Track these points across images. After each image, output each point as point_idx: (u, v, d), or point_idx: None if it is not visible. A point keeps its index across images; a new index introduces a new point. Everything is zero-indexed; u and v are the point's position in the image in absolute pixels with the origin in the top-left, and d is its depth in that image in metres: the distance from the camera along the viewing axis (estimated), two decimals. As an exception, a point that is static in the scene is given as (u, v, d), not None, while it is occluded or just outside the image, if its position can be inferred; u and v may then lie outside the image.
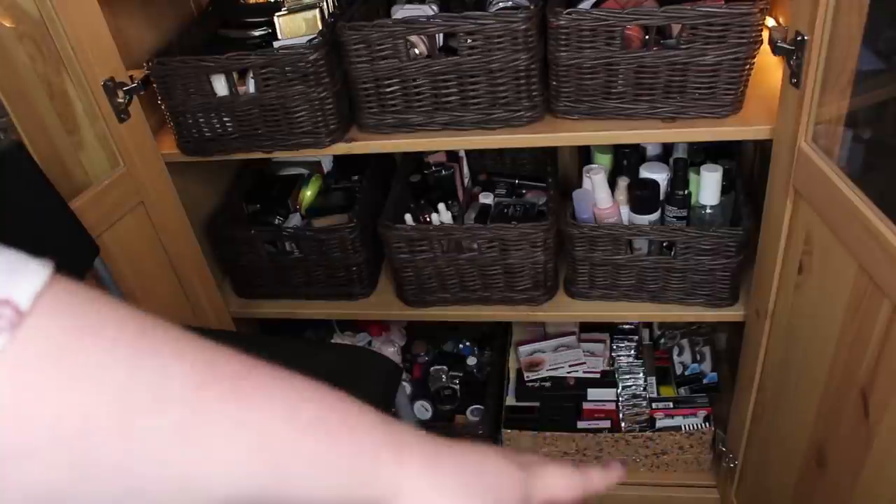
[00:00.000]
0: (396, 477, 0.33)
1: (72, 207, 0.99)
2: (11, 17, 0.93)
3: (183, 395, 0.28)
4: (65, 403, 0.25)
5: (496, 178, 1.43)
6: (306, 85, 1.05)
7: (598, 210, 1.17)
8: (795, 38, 0.83)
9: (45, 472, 0.25)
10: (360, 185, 1.39)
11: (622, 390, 1.48)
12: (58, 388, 0.25)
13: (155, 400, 0.27)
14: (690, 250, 1.14)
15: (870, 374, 0.78)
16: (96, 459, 0.26)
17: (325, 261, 1.30)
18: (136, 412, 0.26)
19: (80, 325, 0.26)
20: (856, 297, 0.79)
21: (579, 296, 1.28)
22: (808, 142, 0.87)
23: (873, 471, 0.81)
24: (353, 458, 0.32)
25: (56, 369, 0.25)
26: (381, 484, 0.33)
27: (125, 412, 0.26)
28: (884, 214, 0.72)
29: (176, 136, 1.16)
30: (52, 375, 0.25)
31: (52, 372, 0.25)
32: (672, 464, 1.46)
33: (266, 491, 0.30)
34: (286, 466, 0.30)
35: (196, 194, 1.34)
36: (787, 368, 1.03)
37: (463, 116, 1.08)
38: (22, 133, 0.96)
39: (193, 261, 1.29)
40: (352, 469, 0.32)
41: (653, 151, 1.24)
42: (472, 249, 1.22)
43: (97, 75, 1.03)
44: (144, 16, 1.20)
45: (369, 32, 1.01)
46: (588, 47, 0.98)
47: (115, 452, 0.26)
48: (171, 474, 0.28)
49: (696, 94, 0.99)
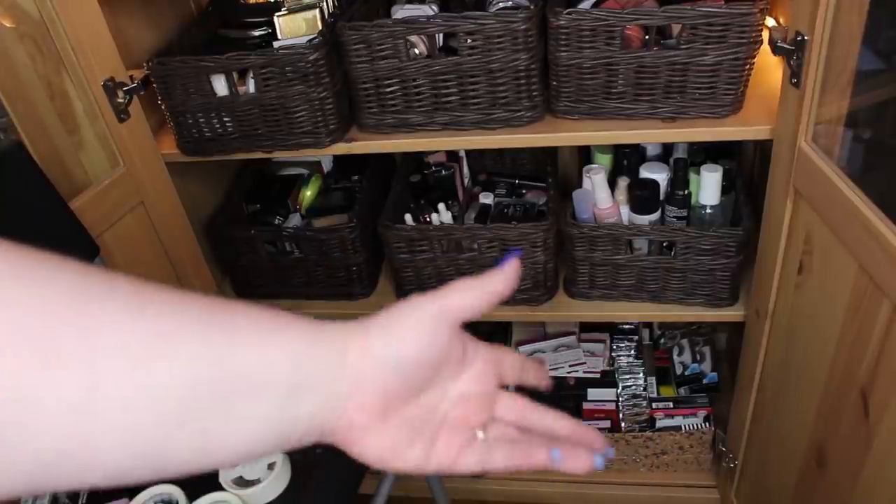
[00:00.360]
0: (342, 332, 0.35)
1: (72, 207, 0.99)
2: (11, 17, 0.93)
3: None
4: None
5: (496, 178, 1.43)
6: (306, 85, 1.05)
7: (598, 210, 1.17)
8: (795, 38, 0.83)
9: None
10: (360, 185, 1.39)
11: (622, 390, 1.48)
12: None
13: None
14: (690, 250, 1.14)
15: (870, 374, 0.78)
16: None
17: (325, 261, 1.30)
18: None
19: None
20: (856, 297, 0.79)
21: (579, 296, 1.28)
22: (808, 142, 0.87)
23: (873, 471, 0.81)
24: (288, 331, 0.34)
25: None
26: (327, 343, 0.34)
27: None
28: (884, 214, 0.72)
29: (176, 136, 1.16)
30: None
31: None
32: (672, 464, 1.46)
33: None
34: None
35: (196, 194, 1.34)
36: (787, 368, 1.03)
37: (463, 116, 1.08)
38: (22, 133, 0.96)
39: (193, 261, 1.29)
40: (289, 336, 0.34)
41: (653, 151, 1.24)
42: (472, 249, 1.22)
43: (97, 75, 1.03)
44: (144, 16, 1.20)
45: (369, 32, 1.01)
46: (588, 47, 0.98)
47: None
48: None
49: (696, 94, 0.99)
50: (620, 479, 1.49)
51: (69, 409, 0.27)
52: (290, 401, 0.32)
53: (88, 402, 0.27)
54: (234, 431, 0.31)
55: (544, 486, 1.52)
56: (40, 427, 0.27)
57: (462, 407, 0.38)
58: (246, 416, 0.31)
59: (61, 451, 0.28)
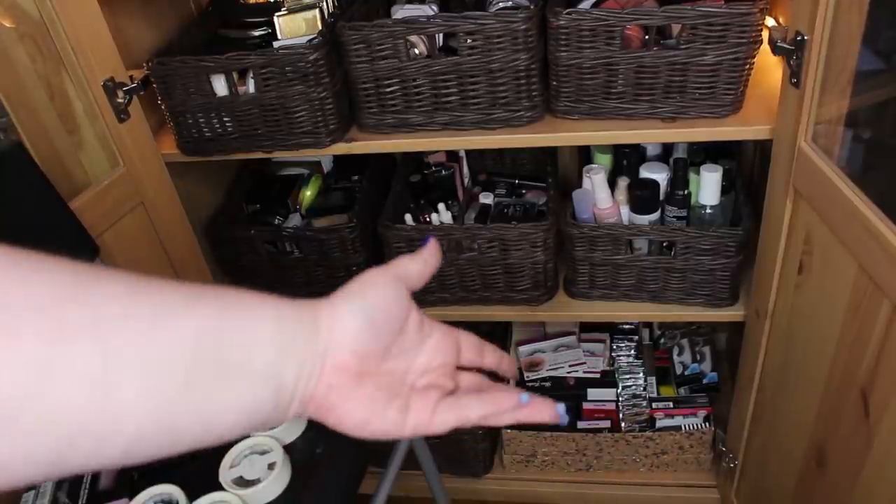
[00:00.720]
0: (311, 303, 0.38)
1: (72, 207, 0.99)
2: (11, 17, 0.93)
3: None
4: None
5: (496, 178, 1.43)
6: (306, 85, 1.05)
7: (598, 210, 1.17)
8: (795, 38, 0.83)
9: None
10: (360, 185, 1.39)
11: (622, 390, 1.48)
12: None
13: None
14: (690, 250, 1.14)
15: (870, 374, 0.78)
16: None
17: (325, 261, 1.30)
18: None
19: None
20: (856, 297, 0.79)
21: (579, 296, 1.28)
22: (808, 142, 0.87)
23: (873, 471, 0.81)
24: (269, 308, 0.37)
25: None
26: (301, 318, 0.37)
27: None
28: (884, 214, 0.72)
29: (176, 136, 1.16)
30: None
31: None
32: (672, 464, 1.46)
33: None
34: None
35: (196, 194, 1.33)
36: (787, 368, 1.03)
37: (463, 116, 1.08)
38: (22, 133, 0.96)
39: (193, 261, 1.29)
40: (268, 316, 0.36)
41: (653, 151, 1.24)
42: (472, 249, 1.22)
43: (97, 75, 1.03)
44: (144, 16, 1.20)
45: (369, 32, 1.01)
46: (588, 47, 0.98)
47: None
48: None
49: (696, 94, 0.99)
50: (620, 479, 1.49)
51: (86, 380, 0.28)
52: (277, 361, 0.35)
53: (103, 373, 0.29)
54: (233, 398, 0.33)
55: (544, 486, 1.52)
56: (60, 402, 0.28)
57: (427, 377, 0.41)
58: (242, 379, 0.34)
59: (81, 425, 0.28)
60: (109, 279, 0.31)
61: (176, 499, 0.88)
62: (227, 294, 0.35)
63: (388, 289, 0.40)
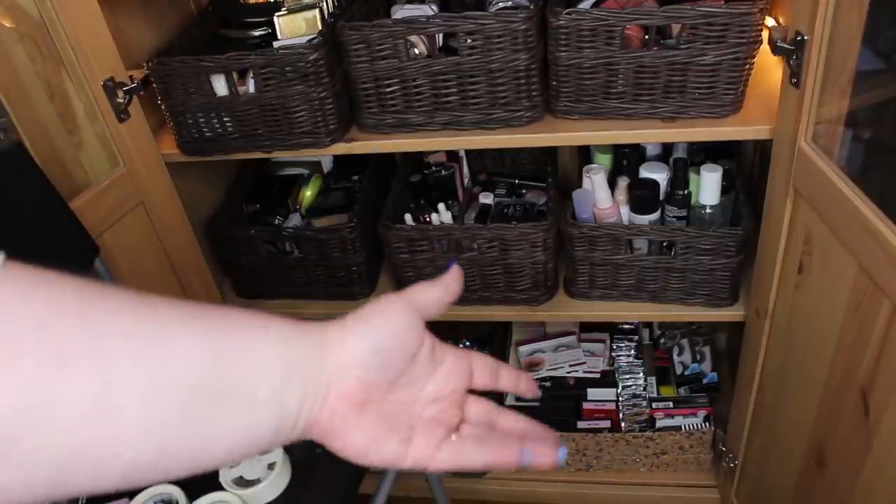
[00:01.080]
0: (320, 327, 0.37)
1: (72, 207, 0.99)
2: (11, 17, 0.93)
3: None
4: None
5: (496, 178, 1.43)
6: (306, 85, 1.05)
7: (598, 210, 1.17)
8: (795, 38, 0.83)
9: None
10: (360, 185, 1.39)
11: (622, 390, 1.48)
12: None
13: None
14: (690, 250, 1.14)
15: (870, 374, 0.78)
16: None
17: (325, 261, 1.30)
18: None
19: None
20: (856, 297, 0.79)
21: (579, 296, 1.28)
22: (808, 142, 0.87)
23: (873, 471, 0.81)
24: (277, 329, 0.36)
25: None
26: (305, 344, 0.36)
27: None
28: (884, 214, 0.72)
29: (176, 136, 1.16)
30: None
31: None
32: (672, 464, 1.46)
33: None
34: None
35: (196, 194, 1.34)
36: (787, 368, 1.03)
37: (463, 116, 1.08)
38: (22, 133, 0.96)
39: (193, 261, 1.29)
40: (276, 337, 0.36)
41: (653, 151, 1.24)
42: (472, 249, 1.22)
43: (97, 75, 1.03)
44: (144, 16, 1.21)
45: (369, 32, 1.01)
46: (588, 47, 0.98)
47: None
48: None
49: (696, 93, 0.99)
50: (620, 479, 1.49)
51: (88, 406, 0.28)
52: (281, 387, 0.34)
53: (104, 399, 0.28)
54: (235, 424, 0.33)
55: (544, 486, 1.52)
56: (60, 427, 0.28)
57: (435, 407, 0.40)
58: (245, 405, 0.33)
59: (81, 450, 0.28)
60: (111, 297, 0.31)
61: (176, 498, 0.88)
62: (231, 315, 0.35)
63: (400, 318, 0.39)
